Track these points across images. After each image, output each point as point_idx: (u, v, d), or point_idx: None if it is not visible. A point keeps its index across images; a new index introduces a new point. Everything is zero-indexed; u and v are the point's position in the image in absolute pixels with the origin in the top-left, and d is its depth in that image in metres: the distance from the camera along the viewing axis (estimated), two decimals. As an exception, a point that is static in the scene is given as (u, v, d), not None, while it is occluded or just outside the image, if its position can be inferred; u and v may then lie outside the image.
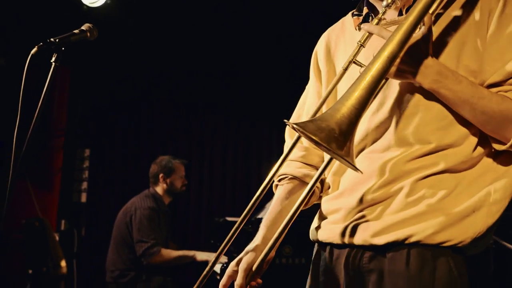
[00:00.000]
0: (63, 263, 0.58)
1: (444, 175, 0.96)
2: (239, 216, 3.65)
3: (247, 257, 1.06)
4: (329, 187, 1.11)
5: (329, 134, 0.83)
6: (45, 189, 3.83)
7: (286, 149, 1.18)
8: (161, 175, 3.26)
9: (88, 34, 1.46)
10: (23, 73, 1.72)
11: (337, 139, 0.84)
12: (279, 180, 1.20)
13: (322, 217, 1.11)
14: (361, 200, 1.00)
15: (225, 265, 2.65)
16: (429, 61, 0.93)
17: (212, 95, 4.24)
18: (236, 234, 1.08)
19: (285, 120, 0.92)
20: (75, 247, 3.84)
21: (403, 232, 0.94)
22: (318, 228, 1.11)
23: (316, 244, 1.14)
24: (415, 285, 0.93)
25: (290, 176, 1.17)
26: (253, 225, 2.82)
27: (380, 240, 0.95)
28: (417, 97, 0.97)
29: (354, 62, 0.97)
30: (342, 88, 1.05)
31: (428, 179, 0.95)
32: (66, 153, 3.97)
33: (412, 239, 0.93)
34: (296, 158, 1.18)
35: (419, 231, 0.93)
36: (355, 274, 1.01)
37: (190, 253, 3.15)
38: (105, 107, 4.06)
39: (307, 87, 1.26)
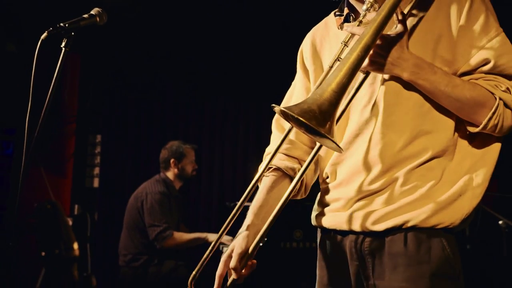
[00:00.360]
0: (75, 246, 0.60)
1: (432, 163, 1.07)
2: (250, 201, 3.67)
3: (240, 243, 1.12)
4: (327, 177, 1.19)
5: (311, 114, 0.93)
6: (58, 175, 3.88)
7: (274, 140, 1.29)
8: (172, 160, 3.28)
9: (98, 18, 1.45)
10: (34, 59, 1.74)
11: (318, 118, 0.93)
12: (265, 171, 1.25)
13: (324, 205, 1.19)
14: (358, 190, 1.10)
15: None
16: (406, 54, 1.03)
17: (223, 80, 4.23)
18: (235, 218, 1.15)
19: (273, 105, 0.99)
20: (88, 231, 3.89)
21: (400, 218, 1.05)
22: (321, 215, 1.19)
23: (319, 230, 1.23)
24: (413, 262, 1.05)
25: (274, 167, 1.23)
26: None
27: (380, 227, 1.07)
28: (399, 88, 1.08)
29: (339, 60, 1.07)
30: None
31: (419, 169, 1.07)
32: (78, 139, 4.00)
33: (409, 224, 1.05)
34: (281, 150, 1.23)
35: (415, 217, 1.05)
36: (358, 256, 1.11)
37: (202, 235, 3.18)
38: (115, 93, 4.08)
39: (293, 82, 1.33)
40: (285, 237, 2.63)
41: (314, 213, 1.23)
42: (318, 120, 0.93)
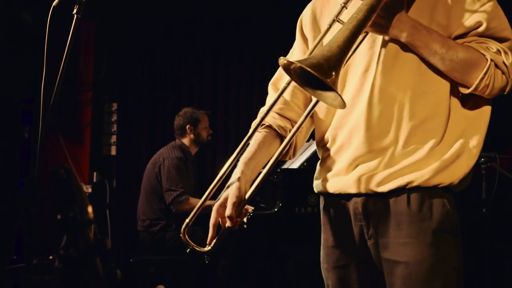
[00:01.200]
0: (89, 209, 0.61)
1: (430, 124, 1.12)
2: (264, 167, 3.64)
3: (234, 192, 1.16)
4: (327, 142, 1.22)
5: (318, 66, 0.97)
6: (76, 143, 3.94)
7: (269, 101, 1.31)
8: (188, 126, 3.33)
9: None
10: (47, 26, 1.74)
11: (325, 70, 0.97)
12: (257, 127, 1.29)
13: (325, 170, 1.23)
14: (359, 153, 1.15)
15: (251, 214, 2.71)
16: (404, 17, 1.09)
17: (237, 43, 4.19)
18: (228, 170, 1.20)
19: (281, 57, 1.04)
20: (107, 198, 3.98)
21: (404, 179, 1.11)
22: (323, 180, 1.22)
23: (321, 197, 1.26)
24: (416, 219, 1.11)
25: (266, 124, 1.27)
26: (277, 175, 2.85)
27: (384, 188, 1.12)
28: (396, 50, 1.13)
29: (337, 21, 1.10)
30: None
31: (418, 131, 1.12)
32: (95, 107, 4.04)
33: (412, 185, 1.11)
34: (275, 109, 1.27)
35: (417, 178, 1.11)
36: (362, 217, 1.15)
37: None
38: (130, 61, 4.08)
39: (291, 50, 1.36)
40: (299, 203, 2.65)
41: (316, 181, 1.26)
42: (325, 72, 0.96)
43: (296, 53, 1.33)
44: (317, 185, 1.26)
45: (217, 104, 4.18)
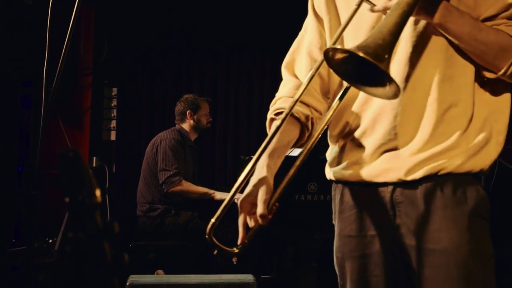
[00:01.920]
0: (97, 192, 0.61)
1: (457, 109, 1.08)
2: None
3: (263, 189, 1.08)
4: (349, 128, 1.16)
5: (376, 55, 0.91)
6: (76, 128, 3.93)
7: (286, 84, 1.27)
8: (188, 111, 3.34)
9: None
10: (49, 10, 1.72)
11: (382, 59, 0.91)
12: (276, 114, 1.22)
13: (345, 157, 1.17)
14: (384, 139, 1.10)
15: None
16: None
17: (238, 32, 4.17)
18: (252, 170, 1.10)
19: (333, 46, 0.97)
20: (107, 183, 3.99)
21: (435, 167, 1.07)
22: (342, 168, 1.17)
23: (337, 185, 1.21)
24: (451, 203, 1.07)
25: (285, 111, 1.20)
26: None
27: (415, 176, 1.07)
28: (424, 32, 1.08)
29: (366, 1, 1.05)
30: (350, 26, 1.11)
31: (446, 117, 1.08)
32: (95, 92, 4.02)
33: (444, 172, 1.07)
34: (291, 94, 1.21)
35: (449, 164, 1.07)
36: (389, 206, 1.11)
37: (210, 191, 3.23)
38: (130, 46, 4.06)
39: (303, 30, 1.30)
40: (299, 190, 2.66)
41: (331, 168, 1.21)
42: (382, 61, 0.91)
43: (311, 34, 1.25)
44: (334, 172, 1.20)
45: (217, 92, 4.17)
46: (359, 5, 1.05)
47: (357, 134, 1.15)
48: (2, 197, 3.16)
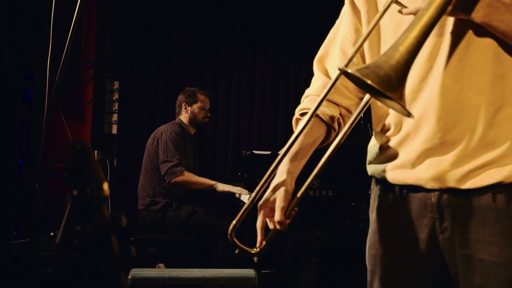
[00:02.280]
0: (105, 186, 0.61)
1: (508, 111, 1.00)
2: (265, 150, 3.70)
3: (282, 195, 1.07)
4: (389, 128, 1.11)
5: (385, 79, 0.85)
6: (77, 121, 3.92)
7: (316, 82, 1.20)
8: (184, 104, 3.35)
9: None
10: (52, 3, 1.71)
11: (393, 84, 0.85)
12: (301, 115, 1.17)
13: (386, 159, 1.11)
14: (430, 143, 1.03)
15: (251, 194, 2.72)
16: None
17: (240, 27, 4.16)
18: (275, 171, 1.10)
19: (340, 67, 0.91)
20: (108, 177, 3.99)
21: (488, 176, 1.00)
22: (383, 170, 1.12)
23: (376, 181, 1.15)
24: (504, 217, 1.00)
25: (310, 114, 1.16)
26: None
27: (466, 185, 1.01)
28: (468, 32, 1.00)
29: (396, 2, 0.97)
30: (384, 26, 1.07)
31: (497, 119, 1.00)
32: (96, 85, 4.01)
33: (496, 181, 1.00)
34: (319, 93, 1.14)
35: (504, 174, 1.00)
36: (435, 210, 1.05)
37: (212, 182, 3.23)
38: (132, 39, 4.05)
39: (339, 20, 1.21)
40: (301, 186, 2.66)
41: (372, 165, 1.16)
42: (394, 87, 0.85)
43: (345, 27, 1.17)
44: (374, 170, 1.15)
45: (219, 87, 4.16)
46: (387, 8, 0.96)
47: (400, 136, 1.09)
48: (2, 189, 3.16)
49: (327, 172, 2.68)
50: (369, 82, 0.85)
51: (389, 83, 0.85)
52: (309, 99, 1.18)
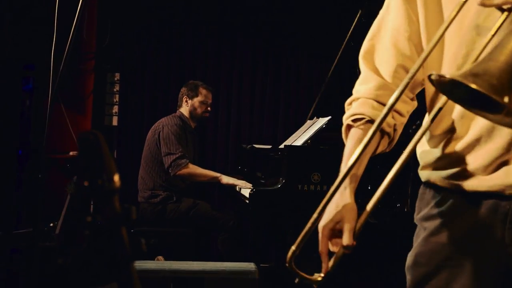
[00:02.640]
0: (116, 177, 0.60)
1: None
2: (266, 144, 3.70)
3: (350, 216, 0.98)
4: (454, 130, 1.00)
5: (500, 89, 0.74)
6: (78, 112, 3.91)
7: (366, 82, 1.08)
8: (185, 96, 3.34)
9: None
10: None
11: (505, 93, 0.74)
12: (354, 121, 1.06)
13: (450, 164, 1.01)
14: (505, 149, 0.94)
15: (254, 190, 2.72)
16: None
17: (242, 21, 4.15)
18: (334, 193, 0.97)
19: (433, 74, 0.80)
20: (108, 169, 3.98)
21: None
22: (450, 176, 1.02)
23: (435, 189, 1.05)
24: None
25: (366, 118, 1.04)
26: (281, 152, 2.85)
27: None
28: None
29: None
30: (447, 13, 0.97)
31: None
32: (97, 77, 4.00)
33: None
34: (372, 95, 1.04)
35: None
36: (507, 221, 0.96)
37: (216, 174, 3.23)
38: (133, 31, 4.03)
39: (382, 12, 1.09)
40: (302, 180, 2.66)
41: (434, 171, 1.04)
42: (506, 96, 0.74)
43: (397, 19, 1.04)
44: (432, 176, 1.04)
45: (220, 81, 4.15)
46: (462, 5, 0.85)
47: (468, 140, 0.98)
48: (2, 180, 3.16)
49: (328, 167, 2.68)
50: (484, 92, 0.73)
51: (503, 93, 0.73)
52: (361, 104, 1.06)
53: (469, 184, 0.98)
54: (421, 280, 1.03)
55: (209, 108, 3.41)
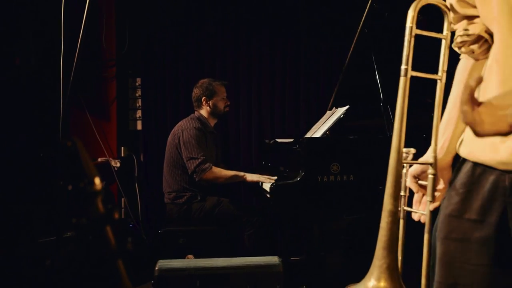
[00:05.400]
0: (97, 180, 0.63)
1: None
2: (288, 137, 3.68)
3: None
4: None
5: None
6: (103, 119, 4.01)
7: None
8: (203, 98, 3.34)
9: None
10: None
11: None
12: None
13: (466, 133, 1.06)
14: None
15: (274, 184, 2.72)
16: None
17: (259, 15, 4.15)
18: None
19: None
20: (136, 172, 4.07)
21: None
22: (461, 144, 1.08)
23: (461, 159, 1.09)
24: None
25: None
26: (300, 144, 2.84)
27: None
28: None
29: None
30: None
31: None
32: (119, 83, 4.09)
33: None
34: None
35: None
36: (505, 195, 0.98)
37: (241, 173, 3.24)
38: (151, 35, 4.09)
39: None
40: (322, 171, 2.65)
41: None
42: None
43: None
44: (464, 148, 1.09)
45: (239, 77, 4.17)
46: None
47: None
48: (24, 188, 3.24)
49: (347, 157, 2.66)
50: None
51: None
52: None
53: (476, 156, 1.02)
54: (434, 253, 1.07)
55: (228, 102, 3.44)
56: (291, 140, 3.49)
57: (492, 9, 0.96)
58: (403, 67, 1.07)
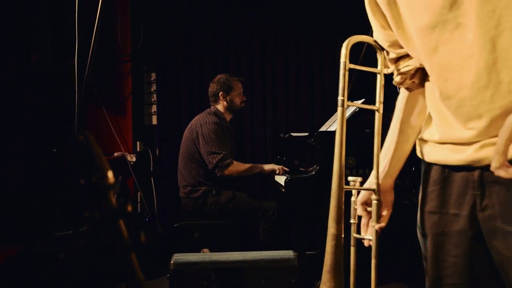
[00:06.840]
0: (109, 174, 0.64)
1: None
2: (303, 132, 3.68)
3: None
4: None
5: None
6: (119, 114, 4.05)
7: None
8: (220, 93, 3.35)
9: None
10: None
11: None
12: None
13: (429, 139, 1.10)
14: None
15: (289, 177, 2.72)
16: None
17: (273, 11, 4.13)
18: None
19: None
20: (151, 166, 4.10)
21: None
22: (429, 149, 1.10)
23: (427, 163, 1.13)
24: None
25: None
26: (315, 138, 2.83)
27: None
28: None
29: None
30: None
31: None
32: (134, 78, 4.11)
33: None
34: None
35: None
36: (476, 186, 1.01)
37: (257, 165, 3.27)
38: (166, 30, 4.10)
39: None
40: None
41: (427, 148, 1.12)
42: None
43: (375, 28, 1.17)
44: (427, 151, 1.13)
45: (254, 71, 4.17)
46: None
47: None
48: (39, 184, 3.28)
49: (362, 151, 2.64)
50: None
51: None
52: None
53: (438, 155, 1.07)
54: (424, 249, 1.13)
55: (244, 98, 3.44)
56: (306, 134, 3.47)
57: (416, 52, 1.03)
58: (339, 98, 1.15)
